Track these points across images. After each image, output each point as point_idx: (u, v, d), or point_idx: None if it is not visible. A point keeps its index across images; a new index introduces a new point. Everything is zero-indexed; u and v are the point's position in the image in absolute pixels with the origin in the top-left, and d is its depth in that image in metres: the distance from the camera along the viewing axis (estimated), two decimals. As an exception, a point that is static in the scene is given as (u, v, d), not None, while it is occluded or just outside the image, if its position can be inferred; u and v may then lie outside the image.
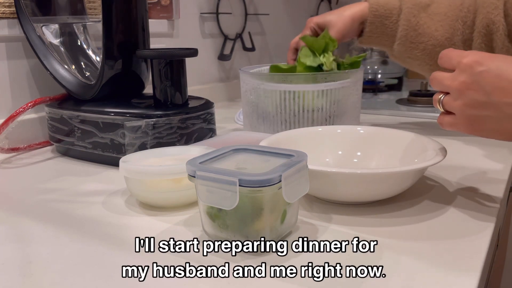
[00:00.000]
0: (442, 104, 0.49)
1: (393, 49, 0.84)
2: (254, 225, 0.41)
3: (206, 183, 0.41)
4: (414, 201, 0.54)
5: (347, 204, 0.53)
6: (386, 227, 0.47)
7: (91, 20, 0.81)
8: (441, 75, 0.50)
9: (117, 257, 0.42)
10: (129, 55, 0.72)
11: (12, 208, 0.55)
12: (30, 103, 0.73)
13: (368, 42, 0.85)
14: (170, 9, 1.09)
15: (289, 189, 0.41)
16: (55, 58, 0.77)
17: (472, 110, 0.46)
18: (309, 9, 1.78)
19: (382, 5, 0.82)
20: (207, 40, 1.27)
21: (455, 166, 0.67)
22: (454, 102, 0.48)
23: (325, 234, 0.46)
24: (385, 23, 0.82)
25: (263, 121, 0.77)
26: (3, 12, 0.77)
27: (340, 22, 0.81)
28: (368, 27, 0.83)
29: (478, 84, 0.45)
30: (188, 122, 0.68)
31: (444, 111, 0.50)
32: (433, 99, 0.51)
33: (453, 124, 0.49)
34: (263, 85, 0.75)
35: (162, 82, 0.69)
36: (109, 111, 0.68)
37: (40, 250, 0.44)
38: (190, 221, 0.49)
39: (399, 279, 0.37)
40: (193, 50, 0.70)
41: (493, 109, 0.45)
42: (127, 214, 0.52)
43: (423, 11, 0.81)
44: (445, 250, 0.42)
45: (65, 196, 0.58)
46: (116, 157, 0.66)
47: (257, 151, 0.48)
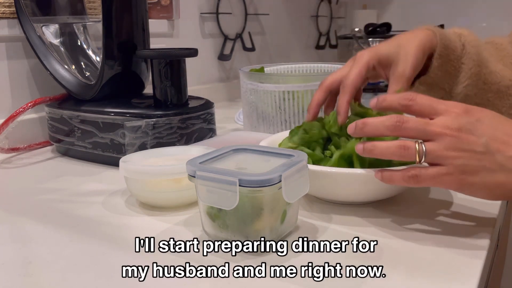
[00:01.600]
0: (426, 153, 0.42)
1: (457, 93, 0.63)
2: (254, 225, 0.41)
3: (206, 183, 0.41)
4: (414, 201, 0.54)
5: (347, 204, 0.53)
6: (386, 227, 0.47)
7: (91, 20, 0.81)
8: (417, 119, 0.44)
9: (117, 257, 0.42)
10: (129, 55, 0.72)
11: (12, 208, 0.55)
12: (30, 103, 0.73)
13: (431, 82, 0.63)
14: (170, 9, 1.09)
15: (289, 189, 0.41)
16: (55, 58, 0.77)
17: (468, 160, 0.42)
18: (309, 9, 1.78)
19: (446, 35, 0.61)
20: (207, 40, 1.27)
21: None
22: (445, 151, 0.42)
23: (325, 234, 0.46)
24: (451, 58, 0.61)
25: (263, 121, 0.77)
26: (3, 12, 0.77)
27: (410, 56, 0.57)
28: (436, 61, 0.61)
29: (475, 133, 0.42)
30: (188, 122, 0.68)
31: (419, 163, 0.43)
32: (403, 147, 0.43)
33: (438, 177, 0.42)
34: (262, 85, 0.75)
35: (162, 82, 0.69)
36: (109, 111, 0.68)
37: (40, 250, 0.44)
38: (190, 221, 0.49)
39: (399, 279, 0.37)
40: (193, 50, 0.70)
41: (488, 159, 0.42)
42: (127, 214, 0.52)
43: (490, 46, 0.67)
44: (445, 250, 0.42)
45: (65, 196, 0.58)
46: (116, 157, 0.66)
47: (257, 151, 0.48)
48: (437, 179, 0.43)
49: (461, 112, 0.43)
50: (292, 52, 1.70)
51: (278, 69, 0.92)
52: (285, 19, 1.63)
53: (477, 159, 0.42)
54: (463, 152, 0.42)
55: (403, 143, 0.43)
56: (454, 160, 0.42)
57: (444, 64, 0.61)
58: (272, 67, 0.91)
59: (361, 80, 0.56)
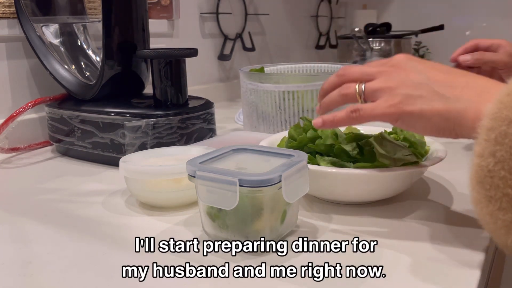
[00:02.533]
0: (365, 88, 0.44)
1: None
2: (254, 225, 0.41)
3: (206, 183, 0.41)
4: (414, 201, 0.54)
5: (347, 204, 0.53)
6: (386, 227, 0.47)
7: (91, 20, 0.81)
8: (357, 66, 0.46)
9: (117, 257, 0.42)
10: (129, 55, 0.72)
11: (12, 208, 0.55)
12: (30, 103, 0.73)
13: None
14: (170, 9, 1.09)
15: (289, 189, 0.41)
16: (55, 58, 0.77)
17: (406, 89, 0.42)
18: (309, 9, 1.78)
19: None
20: (207, 40, 1.27)
21: (455, 166, 0.67)
22: (383, 83, 0.43)
23: (325, 234, 0.46)
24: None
25: (263, 121, 0.77)
26: (3, 12, 0.77)
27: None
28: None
29: (412, 69, 0.44)
30: (188, 122, 0.68)
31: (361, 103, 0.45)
32: (344, 88, 0.45)
33: (377, 108, 0.43)
34: (262, 85, 0.75)
35: (162, 82, 0.69)
36: (109, 111, 0.68)
37: (40, 250, 0.44)
38: (190, 221, 0.49)
39: (399, 279, 0.37)
40: (193, 50, 0.70)
41: (425, 89, 0.42)
42: (127, 214, 0.52)
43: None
44: (445, 250, 0.42)
45: (65, 196, 0.58)
46: (116, 157, 0.66)
47: (257, 151, 0.48)
48: (377, 110, 0.43)
49: (399, 58, 0.45)
50: (292, 52, 1.70)
51: (278, 69, 0.92)
52: (285, 19, 1.63)
53: (414, 88, 0.42)
54: (401, 83, 0.43)
55: (344, 86, 0.46)
56: (392, 91, 0.43)
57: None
58: (272, 67, 0.91)
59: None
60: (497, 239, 0.36)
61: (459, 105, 0.40)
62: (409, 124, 0.43)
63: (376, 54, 1.53)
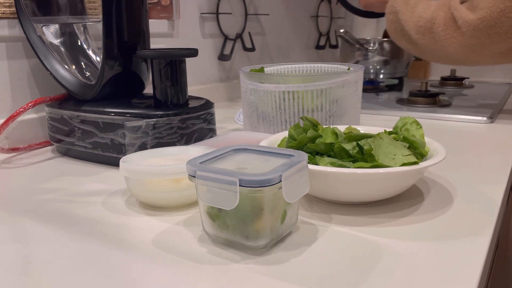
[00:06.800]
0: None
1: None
2: (254, 225, 0.41)
3: (206, 183, 0.41)
4: (414, 201, 0.54)
5: (347, 204, 0.53)
6: (386, 227, 0.47)
7: (91, 20, 0.81)
8: None
9: (117, 257, 0.42)
10: (129, 55, 0.72)
11: (12, 208, 0.55)
12: (30, 103, 0.74)
13: None
14: (170, 9, 1.09)
15: (289, 189, 0.41)
16: (55, 58, 0.77)
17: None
18: (309, 9, 1.78)
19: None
20: (207, 40, 1.27)
21: (455, 166, 0.67)
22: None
23: (325, 234, 0.46)
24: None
25: (263, 121, 0.77)
26: (3, 12, 0.77)
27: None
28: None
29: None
30: (188, 122, 0.68)
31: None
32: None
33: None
34: (262, 85, 0.75)
35: (162, 82, 0.69)
36: (109, 111, 0.68)
37: (40, 250, 0.44)
38: (190, 221, 0.49)
39: (399, 279, 0.37)
40: (193, 50, 0.70)
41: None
42: (127, 214, 0.52)
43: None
44: (445, 250, 0.42)
45: (65, 196, 0.58)
46: (116, 157, 0.66)
47: (257, 151, 0.48)
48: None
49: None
50: (292, 52, 1.70)
51: (278, 69, 0.92)
52: (285, 19, 1.64)
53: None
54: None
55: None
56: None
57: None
58: (272, 67, 0.91)
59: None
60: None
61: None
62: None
63: (377, 53, 1.53)
